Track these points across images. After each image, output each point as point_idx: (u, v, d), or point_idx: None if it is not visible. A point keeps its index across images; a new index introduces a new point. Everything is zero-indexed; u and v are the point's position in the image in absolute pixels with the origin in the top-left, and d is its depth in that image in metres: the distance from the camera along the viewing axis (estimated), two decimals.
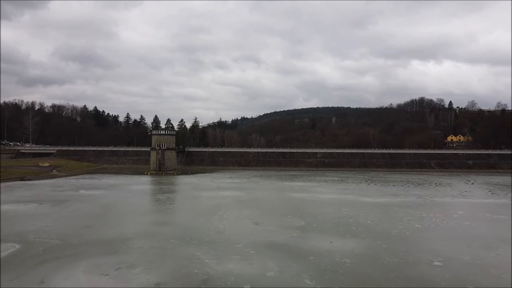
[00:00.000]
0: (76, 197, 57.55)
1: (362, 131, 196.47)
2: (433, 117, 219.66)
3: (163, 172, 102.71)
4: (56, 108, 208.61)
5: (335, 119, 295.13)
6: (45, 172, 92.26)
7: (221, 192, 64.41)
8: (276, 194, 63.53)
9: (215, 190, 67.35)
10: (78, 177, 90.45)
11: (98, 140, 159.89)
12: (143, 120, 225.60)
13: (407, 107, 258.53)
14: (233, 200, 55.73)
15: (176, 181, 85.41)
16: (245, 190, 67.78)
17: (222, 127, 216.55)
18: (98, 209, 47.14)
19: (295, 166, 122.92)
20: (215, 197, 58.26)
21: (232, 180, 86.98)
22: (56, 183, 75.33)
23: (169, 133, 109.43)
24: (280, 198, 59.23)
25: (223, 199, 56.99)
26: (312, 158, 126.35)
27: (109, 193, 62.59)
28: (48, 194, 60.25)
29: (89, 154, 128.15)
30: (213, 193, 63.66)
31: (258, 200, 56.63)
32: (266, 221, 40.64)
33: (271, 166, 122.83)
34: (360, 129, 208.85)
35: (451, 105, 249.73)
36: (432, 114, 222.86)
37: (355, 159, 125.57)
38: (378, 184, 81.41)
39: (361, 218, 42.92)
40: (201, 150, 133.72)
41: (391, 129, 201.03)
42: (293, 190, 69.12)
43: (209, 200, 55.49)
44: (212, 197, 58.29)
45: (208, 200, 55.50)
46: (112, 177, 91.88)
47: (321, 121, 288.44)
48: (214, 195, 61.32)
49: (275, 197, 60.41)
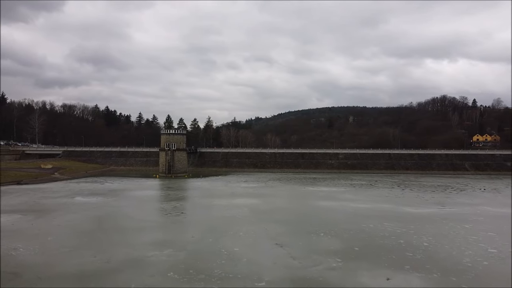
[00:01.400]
0: (68, 206, 49.83)
1: (382, 131, 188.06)
2: (456, 115, 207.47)
3: (172, 174, 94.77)
4: (67, 107, 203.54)
5: (352, 119, 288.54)
6: (46, 174, 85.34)
7: (236, 200, 55.91)
8: (300, 203, 54.70)
9: (228, 197, 58.90)
10: (80, 180, 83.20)
11: (109, 140, 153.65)
12: (155, 120, 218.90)
13: (428, 105, 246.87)
14: (250, 211, 47.17)
15: (185, 186, 77.32)
16: (263, 197, 59.15)
17: (236, 127, 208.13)
18: (88, 224, 39.14)
19: (315, 168, 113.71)
20: (228, 207, 49.80)
21: (247, 185, 78.48)
22: (53, 188, 68.03)
23: (179, 133, 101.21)
24: (305, 208, 50.41)
25: (238, 209, 48.49)
26: (334, 160, 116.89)
27: (108, 200, 54.72)
28: (38, 201, 52.71)
29: (96, 155, 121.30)
30: (226, 201, 55.21)
31: (280, 211, 47.94)
32: (293, 242, 32.05)
33: (289, 168, 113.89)
34: (379, 129, 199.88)
35: (475, 103, 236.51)
36: (455, 113, 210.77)
37: (381, 160, 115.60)
38: (413, 189, 71.75)
39: (413, 237, 33.92)
40: (214, 150, 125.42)
41: (412, 129, 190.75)
42: (318, 197, 60.16)
43: (221, 211, 47.06)
44: (225, 207, 49.85)
45: (221, 211, 47.07)
46: (117, 180, 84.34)
47: (338, 120, 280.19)
48: (227, 203, 52.88)
49: (299, 206, 51.60)
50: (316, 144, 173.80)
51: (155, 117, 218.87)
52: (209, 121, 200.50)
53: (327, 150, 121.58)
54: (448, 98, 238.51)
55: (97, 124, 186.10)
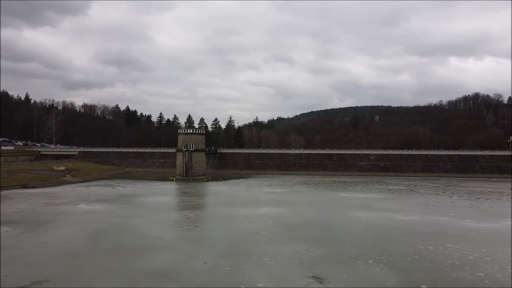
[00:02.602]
0: (68, 215, 43.54)
1: (411, 131, 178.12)
2: (491, 114, 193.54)
3: (190, 177, 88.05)
4: (87, 108, 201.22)
5: (378, 118, 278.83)
6: (57, 177, 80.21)
7: (259, 209, 48.38)
8: (334, 214, 46.63)
9: (251, 205, 51.43)
10: (91, 183, 77.59)
11: (128, 140, 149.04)
12: (176, 120, 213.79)
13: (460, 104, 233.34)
14: (276, 224, 39.54)
15: (203, 191, 70.39)
16: (290, 206, 51.40)
17: (258, 127, 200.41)
18: (81, 241, 32.46)
19: (344, 170, 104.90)
20: (251, 218, 42.33)
21: (271, 189, 70.86)
22: (60, 193, 62.32)
23: (197, 132, 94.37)
24: (341, 220, 42.33)
25: (261, 221, 40.97)
26: (364, 161, 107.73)
27: (113, 209, 48.23)
28: (36, 210, 46.70)
29: (112, 156, 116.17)
30: (248, 210, 47.77)
31: (311, 225, 40.12)
32: (334, 274, 24.35)
33: (315, 170, 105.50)
34: (408, 128, 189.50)
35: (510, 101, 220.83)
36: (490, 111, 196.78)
37: (417, 162, 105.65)
38: (462, 196, 62.38)
39: (494, 267, 25.72)
40: (235, 151, 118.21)
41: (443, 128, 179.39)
42: (354, 206, 51.92)
43: (242, 224, 39.66)
44: (246, 218, 42.41)
45: (241, 224, 39.67)
46: (130, 184, 78.32)
47: (364, 120, 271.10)
48: (249, 213, 45.42)
49: (334, 218, 43.55)
50: (341, 144, 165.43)
51: (176, 117, 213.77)
52: (230, 121, 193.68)
53: (357, 151, 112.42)
54: (482, 96, 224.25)
55: (117, 124, 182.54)
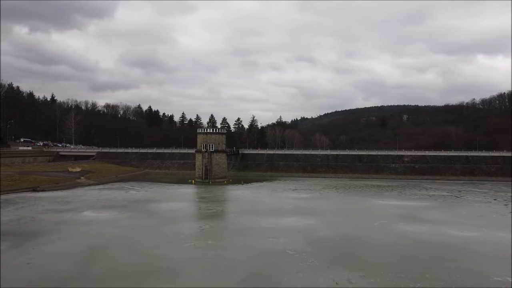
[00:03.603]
0: (67, 225, 38.33)
1: (442, 130, 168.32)
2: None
3: (210, 180, 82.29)
4: (109, 108, 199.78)
5: (406, 117, 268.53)
6: (70, 179, 76.12)
7: (285, 219, 41.84)
8: (374, 226, 39.48)
9: (275, 214, 44.94)
10: (105, 186, 72.99)
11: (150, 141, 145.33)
12: (198, 120, 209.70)
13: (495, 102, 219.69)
14: (306, 240, 32.97)
15: (223, 195, 64.39)
16: (320, 215, 44.63)
17: (282, 127, 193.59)
18: (72, 260, 26.89)
19: (375, 173, 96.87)
20: (275, 232, 35.87)
21: (298, 195, 64.12)
22: (69, 197, 57.66)
23: (217, 132, 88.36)
24: (384, 235, 35.24)
25: (288, 235, 34.49)
26: (398, 163, 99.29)
27: (120, 218, 42.77)
28: (35, 218, 41.77)
29: (131, 156, 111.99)
30: (272, 220, 41.31)
31: (348, 241, 33.33)
32: None
33: (344, 173, 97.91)
34: (439, 128, 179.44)
35: None
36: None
37: (456, 164, 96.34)
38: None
39: None
40: (257, 152, 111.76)
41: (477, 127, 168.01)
42: (395, 216, 44.64)
43: (264, 239, 33.27)
44: (270, 231, 35.99)
45: (264, 239, 33.28)
46: (146, 187, 73.27)
47: (391, 119, 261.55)
48: (273, 225, 38.98)
49: (375, 233, 36.47)
50: (368, 145, 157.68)
51: (199, 117, 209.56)
52: (253, 121, 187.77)
53: (389, 152, 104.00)
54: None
55: (138, 125, 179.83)
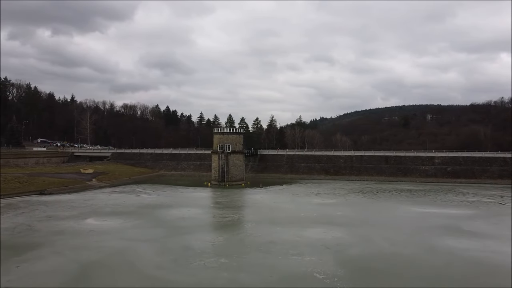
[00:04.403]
0: (65, 235, 34.23)
1: (469, 130, 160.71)
2: None
3: (226, 183, 77.62)
4: (127, 108, 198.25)
5: (430, 117, 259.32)
6: (80, 181, 72.82)
7: (309, 231, 36.61)
8: (414, 240, 33.83)
9: (298, 224, 39.76)
10: (116, 189, 69.26)
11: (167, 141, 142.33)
12: (217, 120, 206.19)
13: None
14: (336, 259, 27.75)
15: (239, 200, 59.57)
16: (349, 226, 39.23)
17: (301, 127, 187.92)
18: (57, 282, 22.48)
19: (404, 175, 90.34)
20: (298, 247, 30.77)
21: (321, 200, 58.71)
22: (75, 201, 53.93)
23: (234, 131, 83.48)
24: (430, 254, 29.55)
25: (314, 252, 29.34)
26: (428, 165, 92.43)
27: (124, 226, 38.42)
28: (33, 225, 37.89)
29: (145, 157, 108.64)
30: (294, 232, 36.16)
31: (388, 261, 27.90)
32: None
33: (369, 175, 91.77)
34: (465, 128, 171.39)
35: None
36: None
37: (493, 166, 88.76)
38: None
39: None
40: (277, 153, 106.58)
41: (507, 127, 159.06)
42: (436, 228, 38.79)
43: (287, 257, 28.20)
44: (293, 246, 30.90)
45: (286, 257, 28.21)
46: (159, 190, 69.21)
47: (414, 119, 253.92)
48: (296, 238, 33.86)
49: (418, 250, 30.83)
50: (391, 145, 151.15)
51: (217, 117, 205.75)
52: (272, 120, 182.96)
53: (418, 153, 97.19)
54: None
55: (155, 125, 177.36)
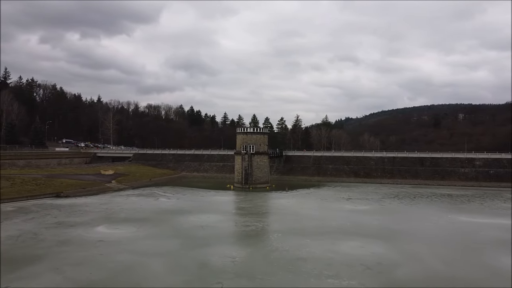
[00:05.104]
0: (70, 246, 30.84)
1: (507, 130, 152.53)
2: None
3: (250, 186, 73.42)
4: (151, 108, 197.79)
5: (462, 116, 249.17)
6: (99, 183, 70.30)
7: (344, 245, 31.79)
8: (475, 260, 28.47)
9: (329, 236, 34.96)
10: (135, 192, 66.25)
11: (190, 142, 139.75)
12: (241, 120, 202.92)
13: None
14: (381, 283, 22.91)
15: (264, 206, 55.15)
16: (391, 239, 34.13)
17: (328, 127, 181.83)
18: None
19: (441, 178, 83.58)
20: (333, 265, 26.06)
21: (353, 206, 53.54)
22: (90, 205, 50.97)
23: (258, 131, 78.85)
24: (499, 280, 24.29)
25: (352, 273, 24.57)
26: (468, 167, 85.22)
27: (137, 236, 34.73)
28: (39, 233, 34.78)
29: (168, 158, 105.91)
30: (326, 245, 31.45)
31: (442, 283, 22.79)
32: None
33: (403, 178, 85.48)
34: (502, 127, 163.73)
35: None
36: None
37: None
38: None
39: None
40: (303, 154, 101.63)
41: None
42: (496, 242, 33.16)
43: (321, 280, 23.62)
44: (326, 265, 26.22)
45: (320, 280, 23.64)
46: (180, 193, 65.71)
47: (445, 118, 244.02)
48: (329, 253, 29.14)
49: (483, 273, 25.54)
50: (421, 146, 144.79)
51: (241, 117, 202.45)
52: (297, 120, 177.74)
53: (456, 154, 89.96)
54: None
55: (179, 125, 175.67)
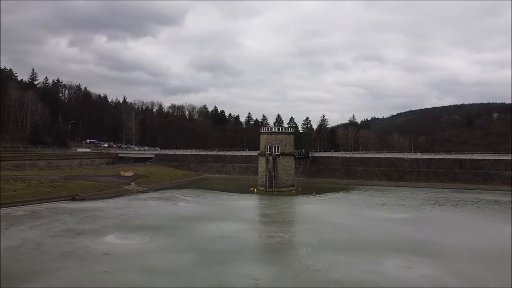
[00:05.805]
0: (73, 260, 27.47)
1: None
2: None
3: (275, 189, 69.04)
4: (175, 108, 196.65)
5: (497, 116, 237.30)
6: (117, 185, 67.61)
7: (386, 264, 27.00)
8: None
9: (368, 252, 30.20)
10: (154, 194, 63.13)
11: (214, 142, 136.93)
12: (265, 120, 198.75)
13: None
14: None
15: (290, 212, 50.67)
16: (441, 256, 29.04)
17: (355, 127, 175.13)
18: None
19: (483, 182, 76.66)
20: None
21: (389, 213, 48.30)
22: (105, 209, 47.97)
23: (283, 131, 74.05)
24: None
25: None
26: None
27: (148, 247, 31.01)
28: (42, 243, 31.69)
29: (190, 159, 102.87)
30: (366, 265, 26.74)
31: None
32: None
33: (440, 182, 78.99)
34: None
35: None
36: None
37: None
38: None
39: None
40: (330, 155, 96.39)
41: None
42: None
43: None
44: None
45: None
46: (200, 196, 62.09)
47: (478, 118, 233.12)
48: (371, 277, 24.43)
49: None
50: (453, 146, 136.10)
51: (265, 117, 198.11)
52: (323, 120, 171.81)
53: (499, 156, 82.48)
54: None
55: (203, 126, 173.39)
